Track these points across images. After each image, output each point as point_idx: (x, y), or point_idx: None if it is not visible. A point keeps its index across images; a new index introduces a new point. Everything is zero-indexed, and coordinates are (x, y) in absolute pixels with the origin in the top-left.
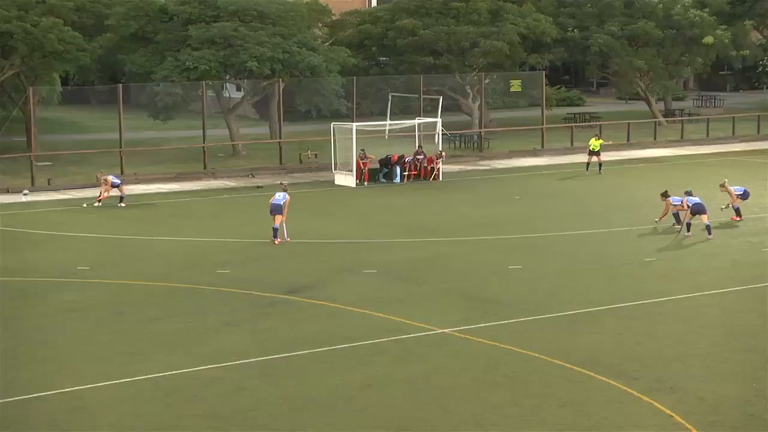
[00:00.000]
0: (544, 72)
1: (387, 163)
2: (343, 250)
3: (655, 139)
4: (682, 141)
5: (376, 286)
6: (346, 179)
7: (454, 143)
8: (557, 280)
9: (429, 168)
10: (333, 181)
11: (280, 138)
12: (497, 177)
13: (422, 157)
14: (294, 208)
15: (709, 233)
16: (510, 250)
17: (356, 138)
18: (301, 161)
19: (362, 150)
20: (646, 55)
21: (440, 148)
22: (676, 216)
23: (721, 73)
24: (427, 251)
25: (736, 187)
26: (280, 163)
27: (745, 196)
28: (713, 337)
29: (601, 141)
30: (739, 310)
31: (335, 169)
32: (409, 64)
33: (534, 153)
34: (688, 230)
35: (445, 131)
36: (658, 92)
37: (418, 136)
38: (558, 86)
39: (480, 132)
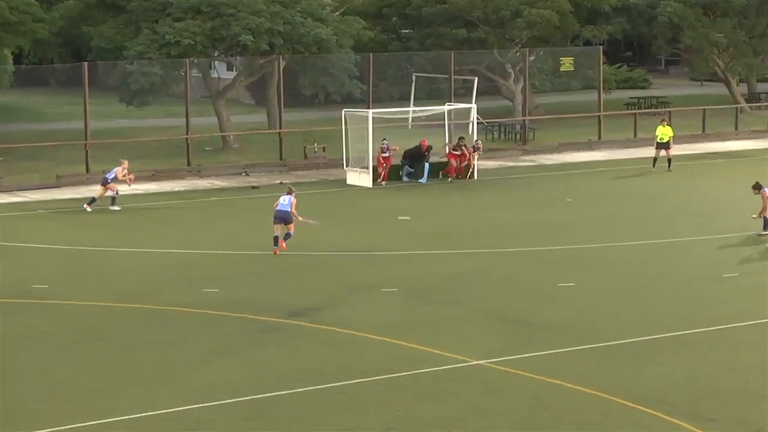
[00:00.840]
0: (601, 48)
1: (416, 156)
2: (357, 263)
3: (736, 129)
4: None
5: (396, 307)
6: (360, 178)
7: (492, 134)
8: (617, 300)
9: (464, 165)
10: (344, 180)
11: (281, 128)
12: (544, 175)
13: (459, 152)
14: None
15: None
16: (560, 264)
17: (373, 128)
18: (305, 156)
19: (385, 140)
20: (726, 26)
21: (476, 139)
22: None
23: None
24: (458, 265)
25: None
26: (281, 158)
27: None
28: None
29: (670, 129)
30: None
31: (347, 165)
32: (437, 38)
33: (589, 146)
34: None
35: (482, 119)
36: (740, 72)
37: (449, 125)
38: (618, 65)
39: (523, 120)
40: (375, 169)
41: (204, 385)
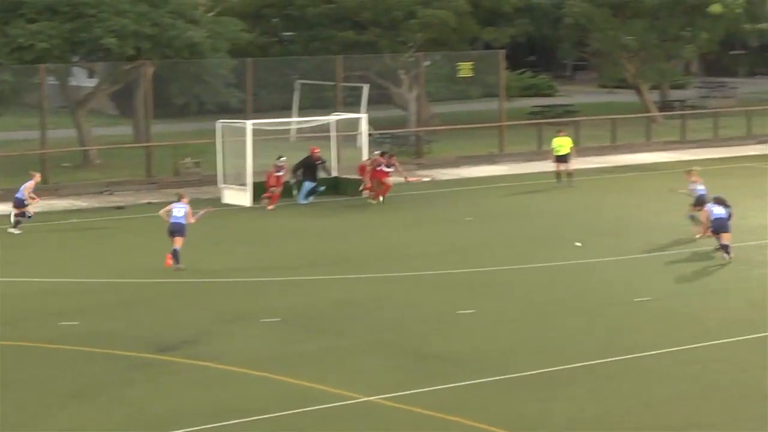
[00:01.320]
0: (503, 52)
1: (309, 168)
2: (235, 291)
3: (648, 139)
4: (682, 142)
5: (279, 339)
6: (238, 196)
7: (384, 146)
8: (521, 328)
9: (362, 180)
10: (220, 199)
11: (148, 141)
12: (441, 192)
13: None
14: (165, 236)
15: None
16: (459, 289)
17: (252, 140)
18: (176, 172)
19: (282, 158)
20: (637, 28)
21: (389, 154)
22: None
23: (732, 53)
24: (348, 292)
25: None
26: (148, 175)
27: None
28: (725, 402)
29: (569, 140)
30: (756, 364)
31: (223, 182)
32: (322, 41)
33: (490, 159)
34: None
35: (372, 131)
36: (651, 78)
37: (336, 137)
38: (521, 70)
39: (418, 132)
40: (261, 187)
41: (65, 430)
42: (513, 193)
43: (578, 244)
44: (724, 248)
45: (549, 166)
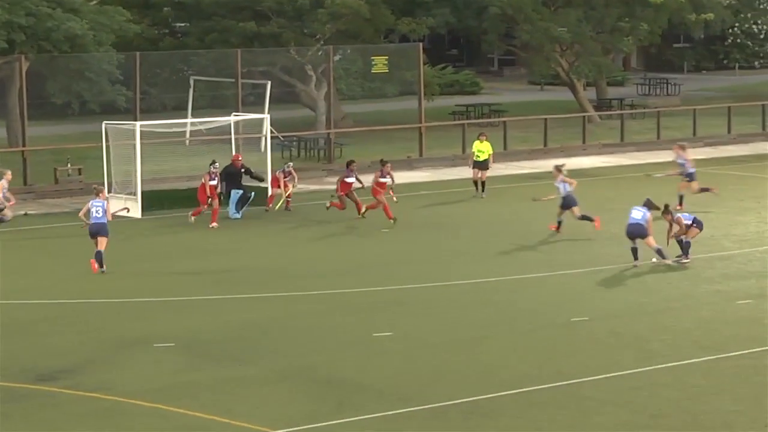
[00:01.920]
0: (421, 45)
1: (234, 177)
2: (123, 313)
3: (583, 142)
4: (622, 145)
5: (173, 367)
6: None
7: (290, 150)
8: (444, 352)
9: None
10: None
11: (24, 145)
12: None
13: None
14: (45, 252)
15: (662, 257)
16: (375, 310)
17: (141, 144)
18: (56, 180)
19: (215, 163)
20: (570, 19)
21: (289, 163)
22: (681, 243)
23: (676, 46)
24: (251, 313)
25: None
26: (24, 183)
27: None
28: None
29: (489, 145)
30: (707, 390)
31: (110, 191)
32: (220, 33)
33: (408, 164)
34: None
35: (276, 133)
36: (587, 74)
37: (236, 140)
38: (443, 65)
39: (328, 134)
40: (153, 196)
41: None
42: (434, 202)
43: (384, 230)
44: (633, 252)
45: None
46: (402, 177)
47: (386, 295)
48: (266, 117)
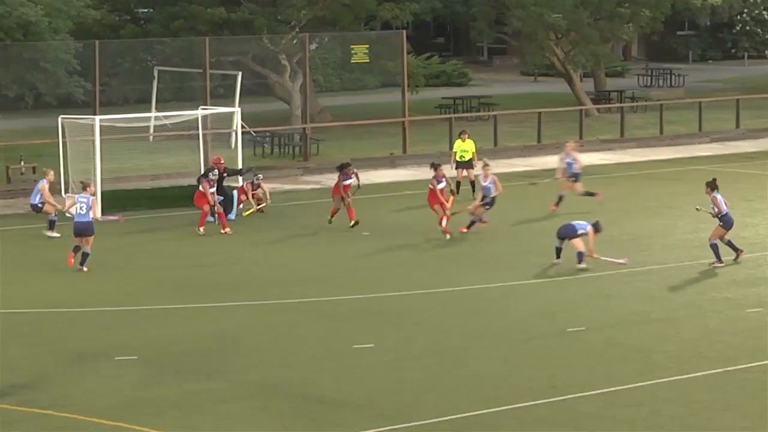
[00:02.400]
0: (404, 32)
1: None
2: (81, 324)
3: (580, 137)
4: (621, 141)
5: (136, 382)
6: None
7: (263, 147)
8: (431, 365)
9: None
10: (63, 213)
11: None
12: (332, 201)
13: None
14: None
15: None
16: (355, 319)
17: (101, 140)
18: (9, 179)
19: (214, 170)
20: (565, 5)
21: (257, 174)
22: (714, 248)
23: (680, 33)
24: (221, 323)
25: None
26: None
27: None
28: None
29: (473, 144)
30: (713, 405)
31: (67, 191)
32: (186, 20)
33: (391, 162)
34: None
35: (248, 128)
36: (583, 64)
37: (204, 136)
38: (428, 55)
39: (304, 129)
40: (111, 196)
41: None
42: (418, 203)
43: (365, 233)
44: (578, 256)
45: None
46: (383, 176)
47: (367, 303)
48: (237, 111)
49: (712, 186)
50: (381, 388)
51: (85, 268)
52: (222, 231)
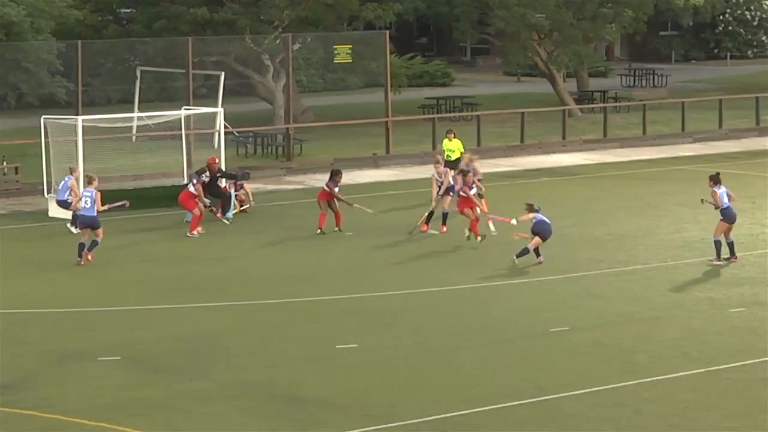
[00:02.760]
0: (387, 33)
1: (210, 183)
2: (64, 325)
3: (563, 138)
4: (604, 141)
5: (120, 382)
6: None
7: (246, 147)
8: (416, 365)
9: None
10: (46, 212)
11: None
12: (315, 202)
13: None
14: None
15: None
16: (338, 320)
17: (84, 140)
18: None
19: (205, 172)
20: (548, 5)
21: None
22: (717, 244)
23: (663, 34)
24: (205, 323)
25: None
26: None
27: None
28: None
29: (459, 143)
30: (696, 405)
31: (49, 192)
32: (169, 20)
33: (374, 162)
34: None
35: (231, 128)
36: (566, 64)
37: (187, 136)
38: (411, 55)
39: (287, 129)
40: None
41: None
42: (402, 203)
43: (349, 233)
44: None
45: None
46: (367, 176)
47: (351, 303)
48: (219, 111)
49: (714, 180)
50: (366, 388)
51: (89, 257)
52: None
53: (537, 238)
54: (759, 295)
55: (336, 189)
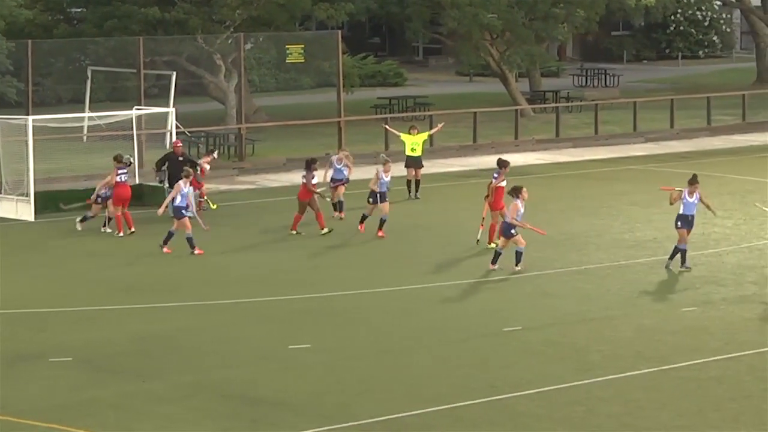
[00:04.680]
0: (340, 32)
1: (174, 168)
2: (18, 326)
3: (516, 138)
4: (557, 140)
5: (72, 383)
6: (17, 209)
7: (198, 147)
8: (369, 365)
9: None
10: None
11: None
12: (268, 202)
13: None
14: None
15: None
16: (291, 320)
17: (34, 140)
18: None
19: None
20: (500, 5)
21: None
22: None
23: (614, 34)
24: (155, 324)
25: None
26: None
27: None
28: None
29: (423, 136)
30: (649, 404)
31: (0, 192)
32: (120, 20)
33: (327, 161)
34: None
35: (182, 128)
36: (519, 64)
37: (138, 136)
38: (363, 55)
39: (239, 129)
40: (47, 197)
41: None
42: (356, 204)
43: (301, 233)
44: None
45: (400, 169)
46: (319, 176)
47: (305, 303)
48: (171, 111)
49: (691, 181)
50: (320, 388)
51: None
52: (127, 230)
53: (503, 239)
54: (711, 295)
55: (314, 180)
